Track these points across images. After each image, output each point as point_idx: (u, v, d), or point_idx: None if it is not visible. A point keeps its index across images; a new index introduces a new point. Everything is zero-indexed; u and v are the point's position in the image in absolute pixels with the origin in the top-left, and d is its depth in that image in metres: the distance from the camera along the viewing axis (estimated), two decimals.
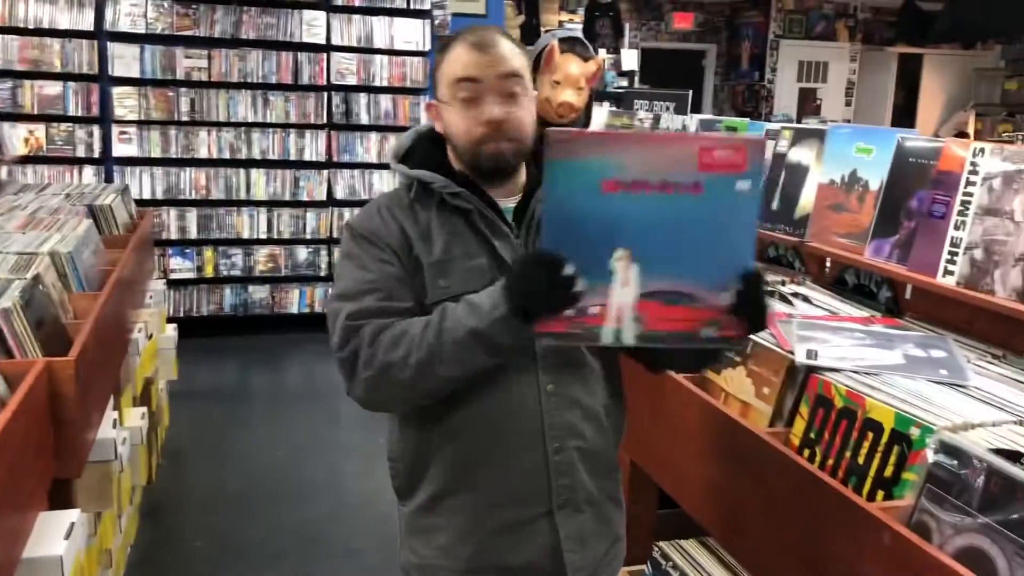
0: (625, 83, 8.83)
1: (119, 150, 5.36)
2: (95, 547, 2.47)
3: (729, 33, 12.13)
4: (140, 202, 5.34)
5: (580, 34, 2.66)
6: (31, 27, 5.11)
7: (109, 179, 5.34)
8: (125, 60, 5.27)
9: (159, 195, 5.48)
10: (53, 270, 2.59)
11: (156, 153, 5.43)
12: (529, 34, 7.94)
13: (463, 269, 1.47)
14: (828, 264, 2.53)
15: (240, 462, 3.94)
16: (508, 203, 1.55)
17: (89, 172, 5.32)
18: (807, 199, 2.54)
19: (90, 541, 2.42)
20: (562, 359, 1.52)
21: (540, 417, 1.50)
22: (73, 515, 1.93)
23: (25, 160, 5.19)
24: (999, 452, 1.36)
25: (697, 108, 12.19)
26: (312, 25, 5.54)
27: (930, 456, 1.43)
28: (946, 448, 1.41)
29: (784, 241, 2.58)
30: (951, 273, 1.98)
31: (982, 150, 1.96)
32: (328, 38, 5.60)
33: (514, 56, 1.49)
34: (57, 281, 2.58)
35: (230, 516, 3.42)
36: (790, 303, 2.26)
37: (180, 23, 5.33)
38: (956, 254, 1.97)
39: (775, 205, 2.66)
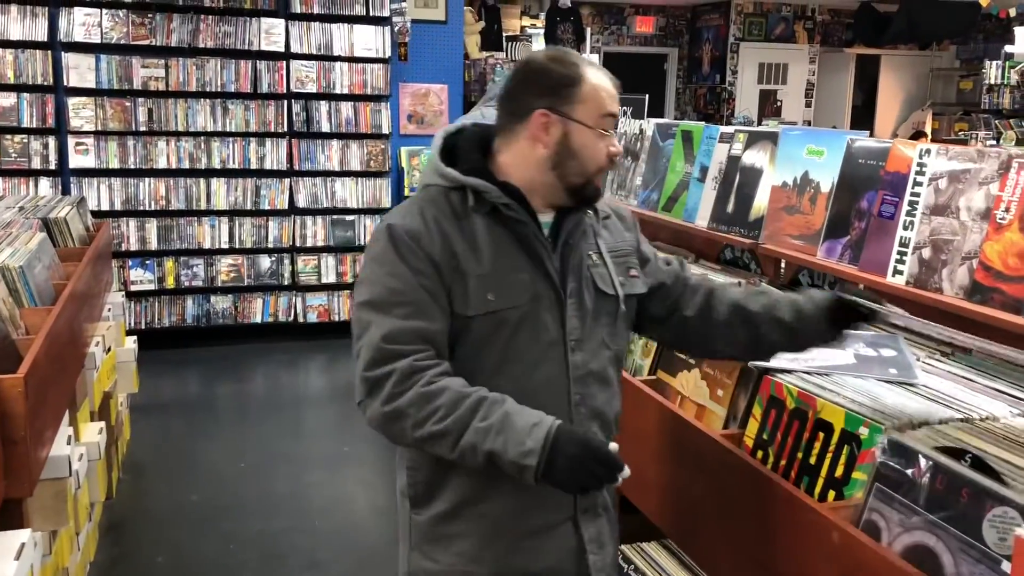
0: None
1: (76, 161, 5.29)
2: (50, 566, 2.43)
3: (690, 36, 12.23)
4: (98, 213, 5.28)
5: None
6: None
7: (66, 191, 5.27)
8: (80, 70, 5.20)
9: (118, 206, 5.41)
10: (3, 285, 2.55)
11: (114, 164, 5.36)
12: (490, 41, 7.93)
13: (510, 283, 1.48)
14: (783, 265, 2.55)
15: (202, 475, 3.90)
16: (545, 218, 1.57)
17: (45, 184, 5.24)
18: (761, 201, 2.56)
19: (45, 560, 2.38)
20: (589, 371, 1.55)
21: None
22: (24, 535, 1.90)
23: None
24: (944, 450, 1.38)
25: (660, 111, 12.28)
26: (271, 33, 5.50)
27: (878, 455, 1.45)
28: (893, 447, 1.42)
29: (739, 243, 2.60)
30: (900, 272, 2.00)
31: (928, 151, 1.99)
32: (287, 46, 5.56)
33: None
34: (8, 296, 2.54)
35: (191, 530, 3.38)
36: None
37: (136, 32, 5.27)
38: (905, 254, 2.00)
39: (730, 208, 2.69)
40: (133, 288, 5.46)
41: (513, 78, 1.55)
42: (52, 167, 5.25)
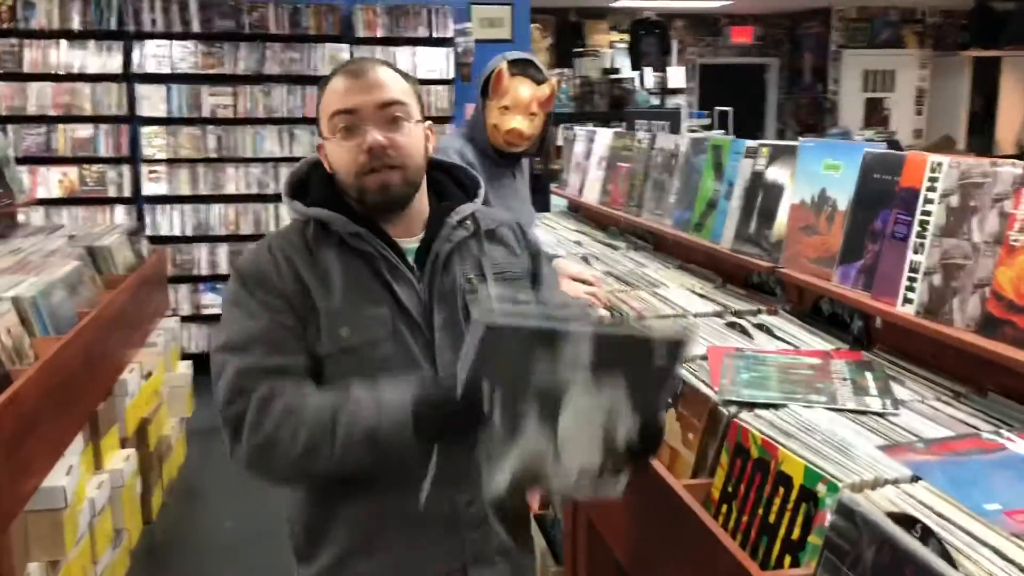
0: (680, 101, 8.60)
1: (149, 188, 5.45)
2: None
3: (791, 45, 11.80)
4: (170, 239, 5.44)
5: (532, 55, 2.53)
6: (63, 73, 5.25)
7: (140, 218, 5.43)
8: (152, 100, 5.37)
9: (189, 232, 5.55)
10: (14, 315, 2.58)
11: (185, 190, 5.50)
12: (567, 56, 7.82)
13: (365, 318, 1.39)
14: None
15: (245, 500, 3.88)
16: (410, 243, 1.47)
17: (120, 211, 5.42)
18: (782, 221, 2.36)
19: None
20: None
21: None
22: None
23: (59, 202, 5.34)
24: (897, 517, 1.18)
25: (760, 123, 11.87)
26: (335, 58, 5.54)
27: (828, 518, 1.25)
28: (843, 510, 1.23)
29: (757, 267, 2.40)
30: (910, 301, 1.78)
31: (940, 164, 1.76)
32: None
33: (393, 83, 1.44)
34: (18, 326, 2.57)
35: (218, 557, 3.37)
36: (750, 336, 2.09)
37: (205, 62, 5.41)
38: (915, 280, 1.77)
39: (752, 228, 2.49)
40: (205, 311, 5.58)
41: None
42: (127, 195, 5.43)
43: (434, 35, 5.63)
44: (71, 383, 2.62)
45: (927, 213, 1.77)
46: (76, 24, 5.21)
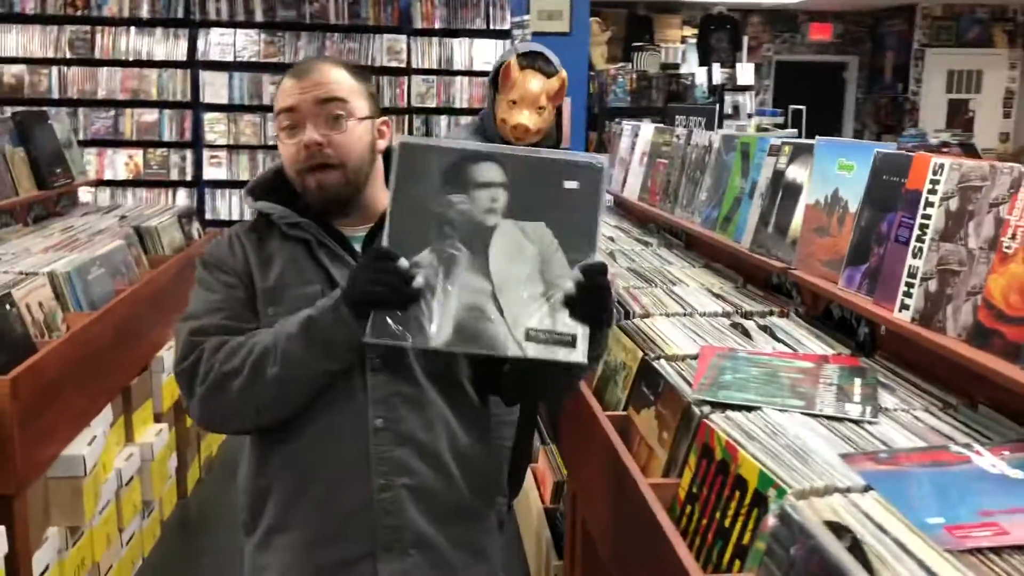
0: (743, 98, 8.46)
1: (209, 173, 5.62)
2: (71, 560, 2.54)
3: (872, 43, 11.45)
4: (229, 223, 5.58)
5: (543, 48, 2.51)
6: (131, 59, 5.44)
7: (201, 201, 5.60)
8: (215, 87, 5.52)
9: (248, 216, 5.67)
10: (49, 290, 2.69)
11: (244, 175, 5.65)
12: (630, 51, 7.74)
13: (294, 296, 1.45)
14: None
15: None
16: (358, 232, 1.52)
17: (182, 194, 5.60)
18: (798, 221, 2.30)
19: (62, 555, 2.49)
20: (395, 392, 1.44)
21: (366, 452, 1.43)
22: None
23: (125, 184, 5.53)
24: (832, 526, 1.15)
25: (838, 124, 11.56)
26: (393, 49, 5.61)
27: (770, 524, 1.23)
28: (783, 517, 1.20)
29: (772, 267, 2.35)
30: (907, 307, 1.72)
31: (942, 166, 1.70)
32: (408, 61, 5.66)
33: (337, 81, 1.48)
34: (51, 300, 2.68)
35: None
36: (750, 338, 2.05)
37: (267, 50, 5.54)
38: (913, 285, 1.72)
39: (770, 228, 2.43)
40: None
41: None
42: (189, 178, 5.60)
43: (491, 27, 5.64)
44: (101, 357, 2.71)
45: (927, 216, 1.71)
46: (145, 12, 5.40)
